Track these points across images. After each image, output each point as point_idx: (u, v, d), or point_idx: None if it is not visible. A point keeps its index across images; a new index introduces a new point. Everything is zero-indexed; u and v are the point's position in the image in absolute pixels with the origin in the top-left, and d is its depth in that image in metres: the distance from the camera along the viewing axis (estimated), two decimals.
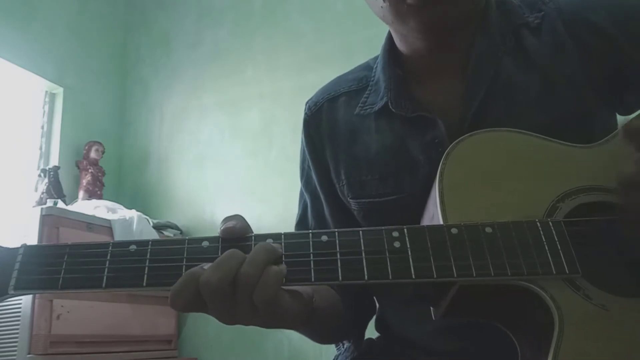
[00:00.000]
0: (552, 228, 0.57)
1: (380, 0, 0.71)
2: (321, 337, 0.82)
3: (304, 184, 0.90)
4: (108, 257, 0.54)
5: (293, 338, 2.58)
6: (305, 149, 0.88)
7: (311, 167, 0.87)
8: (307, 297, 0.61)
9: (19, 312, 2.15)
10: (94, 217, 2.52)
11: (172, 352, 2.74)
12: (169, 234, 2.90)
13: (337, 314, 0.79)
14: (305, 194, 0.90)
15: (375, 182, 0.78)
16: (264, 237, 0.55)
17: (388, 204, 0.76)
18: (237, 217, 0.57)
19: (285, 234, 0.56)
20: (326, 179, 0.85)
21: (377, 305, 0.88)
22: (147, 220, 2.77)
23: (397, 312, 0.83)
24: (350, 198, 0.81)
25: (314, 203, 0.88)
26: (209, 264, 0.52)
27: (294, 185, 0.92)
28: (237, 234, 0.55)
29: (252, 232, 0.57)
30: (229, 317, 0.53)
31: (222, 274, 0.50)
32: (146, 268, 0.53)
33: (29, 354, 2.08)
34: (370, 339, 0.88)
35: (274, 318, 0.54)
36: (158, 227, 2.84)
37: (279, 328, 0.58)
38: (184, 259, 0.54)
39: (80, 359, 2.23)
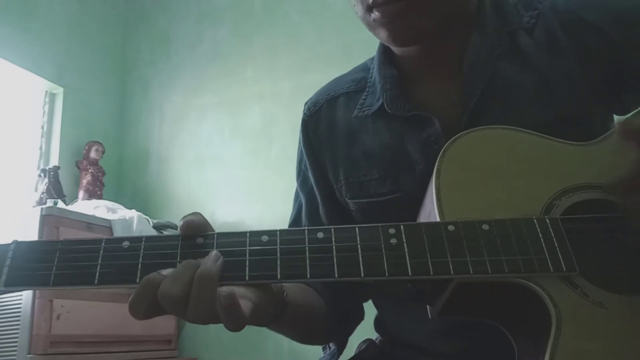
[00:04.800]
0: (549, 225, 0.57)
1: (357, 11, 0.73)
2: (300, 335, 0.80)
3: (300, 183, 0.90)
4: (101, 254, 0.53)
5: None
6: (303, 149, 0.88)
7: (308, 168, 0.87)
8: (277, 291, 0.60)
9: (19, 312, 2.15)
10: (94, 217, 2.52)
11: (172, 352, 2.74)
12: (169, 234, 2.89)
13: (317, 312, 0.78)
14: (301, 194, 0.90)
15: (374, 182, 0.77)
16: (259, 233, 0.55)
17: (386, 204, 0.76)
18: (195, 213, 0.57)
19: (281, 231, 0.55)
20: (323, 179, 0.85)
21: (375, 306, 0.87)
22: (147, 220, 2.77)
23: (395, 313, 0.82)
24: (349, 198, 0.80)
25: (309, 203, 0.88)
26: (167, 270, 0.51)
27: (294, 185, 0.92)
28: (197, 229, 0.55)
29: (212, 228, 0.57)
30: (194, 320, 0.52)
31: (181, 286, 0.50)
32: (139, 265, 0.53)
33: (29, 354, 2.09)
34: (370, 340, 0.88)
35: (239, 317, 0.53)
36: (158, 227, 2.84)
37: (248, 325, 0.56)
38: (178, 255, 0.54)
39: (80, 359, 2.23)
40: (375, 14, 0.69)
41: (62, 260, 0.53)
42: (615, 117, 0.78)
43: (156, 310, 0.52)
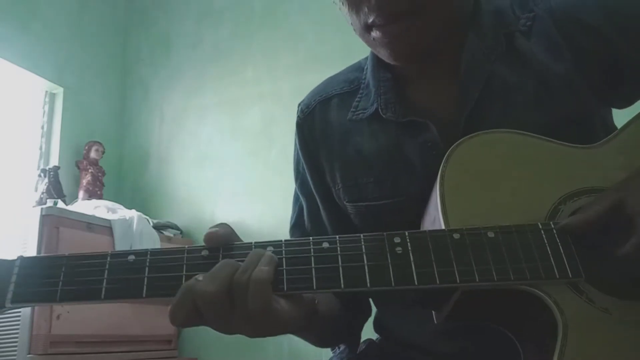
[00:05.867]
0: (555, 232, 0.57)
1: (354, 27, 0.72)
2: (321, 340, 0.82)
3: (299, 186, 0.89)
4: (106, 268, 0.53)
5: (293, 338, 2.55)
6: (300, 152, 0.87)
7: (306, 170, 0.86)
8: (308, 301, 0.60)
9: (19, 312, 2.14)
10: (94, 217, 2.51)
11: (172, 352, 2.74)
12: (169, 234, 2.89)
13: (337, 317, 0.78)
14: (300, 196, 0.89)
15: (372, 186, 0.77)
16: (264, 244, 0.55)
17: (385, 207, 0.76)
18: (222, 225, 0.57)
19: (286, 242, 0.55)
20: (322, 182, 0.84)
21: (375, 305, 0.87)
22: (147, 220, 2.77)
23: (396, 314, 0.82)
24: (347, 202, 0.80)
25: (310, 205, 0.87)
26: (203, 274, 0.51)
27: (293, 185, 0.92)
28: (220, 240, 0.55)
29: (239, 238, 0.56)
30: (227, 328, 0.53)
31: (218, 283, 0.50)
32: (145, 279, 0.53)
33: (29, 354, 2.08)
34: (370, 340, 0.88)
35: (273, 325, 0.53)
36: (158, 227, 2.83)
37: (280, 334, 0.57)
38: (184, 268, 0.54)
39: (80, 359, 2.23)
40: (376, 34, 0.68)
41: (68, 276, 0.53)
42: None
43: (195, 318, 0.51)
